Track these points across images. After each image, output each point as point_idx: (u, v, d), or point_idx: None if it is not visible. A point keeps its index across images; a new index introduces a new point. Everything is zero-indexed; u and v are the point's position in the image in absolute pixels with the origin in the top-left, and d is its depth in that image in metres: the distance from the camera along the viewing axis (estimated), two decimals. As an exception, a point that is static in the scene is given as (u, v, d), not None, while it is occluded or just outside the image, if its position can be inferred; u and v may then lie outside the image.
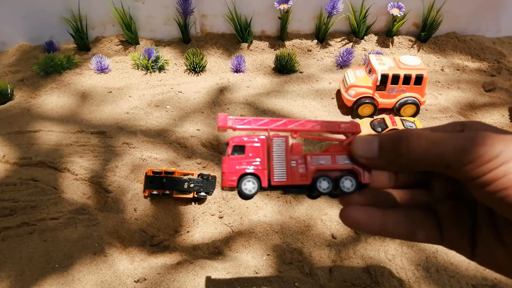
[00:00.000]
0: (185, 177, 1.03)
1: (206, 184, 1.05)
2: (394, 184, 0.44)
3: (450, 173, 0.35)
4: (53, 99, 1.46)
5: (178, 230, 1.00)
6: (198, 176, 1.04)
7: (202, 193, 1.04)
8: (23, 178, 1.07)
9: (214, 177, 1.07)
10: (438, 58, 1.67)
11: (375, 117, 1.34)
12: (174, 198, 1.04)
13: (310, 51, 1.73)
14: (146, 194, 1.05)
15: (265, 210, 1.02)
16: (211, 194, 1.06)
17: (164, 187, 1.02)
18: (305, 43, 1.75)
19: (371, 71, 1.34)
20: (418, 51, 1.71)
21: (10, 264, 0.86)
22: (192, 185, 1.02)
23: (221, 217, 1.01)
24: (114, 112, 1.36)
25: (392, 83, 1.30)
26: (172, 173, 1.04)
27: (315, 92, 1.47)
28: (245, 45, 1.75)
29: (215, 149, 1.24)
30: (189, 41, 1.79)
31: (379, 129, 1.23)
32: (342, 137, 0.44)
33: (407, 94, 1.32)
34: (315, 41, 1.76)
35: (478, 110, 1.36)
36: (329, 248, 0.89)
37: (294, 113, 1.36)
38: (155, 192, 1.03)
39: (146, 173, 1.04)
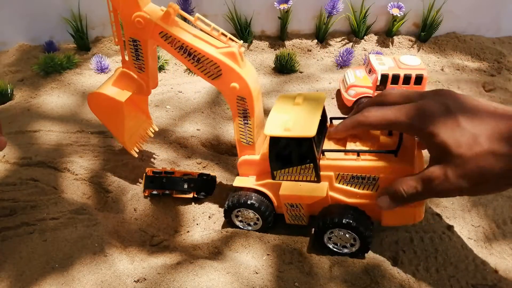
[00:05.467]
0: (185, 177, 1.03)
1: (206, 184, 1.05)
2: None
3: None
4: (53, 99, 1.46)
5: (178, 230, 1.00)
6: (198, 176, 1.04)
7: (202, 193, 1.04)
8: (23, 178, 1.07)
9: (214, 177, 1.07)
10: (438, 58, 1.67)
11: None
12: (174, 198, 1.04)
13: (310, 51, 1.73)
14: (146, 194, 1.05)
15: (265, 210, 1.02)
16: (211, 194, 1.06)
17: (164, 187, 1.02)
18: (305, 43, 1.75)
19: (371, 71, 1.34)
20: (418, 51, 1.71)
21: (10, 264, 0.86)
22: (192, 185, 1.02)
23: (221, 217, 1.01)
24: (114, 112, 1.36)
25: (392, 83, 1.30)
26: (172, 173, 1.04)
27: (315, 92, 1.47)
28: (245, 45, 1.75)
29: (215, 149, 1.24)
30: (189, 41, 1.79)
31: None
32: None
33: (407, 94, 1.32)
34: (315, 41, 1.76)
35: (478, 110, 1.36)
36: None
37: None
38: (155, 192, 1.03)
39: (146, 173, 1.04)
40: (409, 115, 0.67)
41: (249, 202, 0.88)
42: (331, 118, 0.91)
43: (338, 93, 1.46)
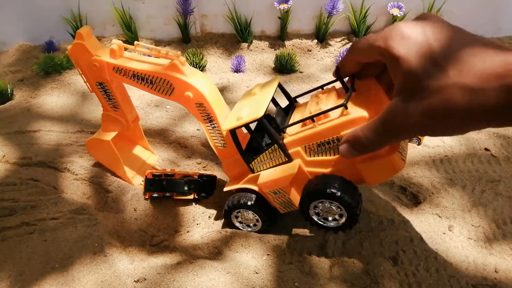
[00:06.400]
0: (185, 179, 1.03)
1: (207, 184, 1.05)
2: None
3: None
4: (53, 99, 1.46)
5: (178, 230, 1.00)
6: (198, 177, 1.04)
7: (203, 194, 1.04)
8: (23, 178, 1.07)
9: (215, 177, 1.07)
10: (438, 58, 1.67)
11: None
12: (174, 199, 1.04)
13: (310, 51, 1.74)
14: (146, 197, 1.05)
15: (265, 210, 1.02)
16: (211, 195, 1.06)
17: (164, 190, 1.02)
18: (305, 43, 1.75)
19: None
20: (418, 51, 1.71)
21: (10, 264, 0.86)
22: (192, 186, 1.02)
23: (221, 217, 1.01)
24: (114, 112, 1.36)
25: (392, 83, 1.30)
26: (172, 175, 1.03)
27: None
28: (245, 45, 1.75)
29: (215, 149, 1.24)
30: (189, 41, 1.79)
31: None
32: None
33: (407, 94, 1.32)
34: (315, 41, 1.76)
35: (478, 110, 1.36)
36: (329, 248, 0.89)
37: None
38: (155, 195, 1.03)
39: (146, 176, 1.04)
40: (385, 36, 0.62)
41: (249, 203, 0.88)
42: (295, 97, 0.89)
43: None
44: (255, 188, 0.87)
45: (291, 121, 0.82)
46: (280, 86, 0.87)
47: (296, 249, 0.89)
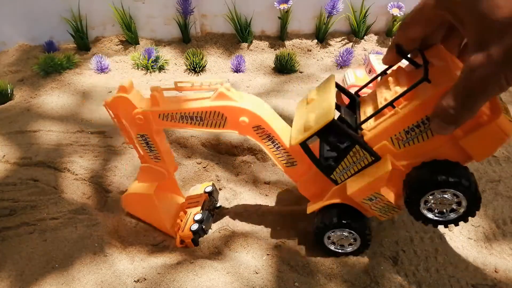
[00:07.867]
0: (208, 205, 1.00)
1: (212, 200, 1.04)
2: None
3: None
4: (53, 99, 1.46)
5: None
6: (209, 195, 1.02)
7: (218, 204, 1.04)
8: (23, 178, 1.07)
9: (213, 185, 1.05)
10: (438, 58, 1.67)
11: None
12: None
13: (310, 51, 1.74)
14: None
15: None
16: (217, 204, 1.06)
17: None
18: (305, 43, 1.75)
19: (371, 71, 1.34)
20: (418, 51, 1.71)
21: (10, 264, 0.86)
22: (211, 207, 1.01)
23: (221, 217, 1.01)
24: (114, 112, 1.36)
25: (392, 83, 1.30)
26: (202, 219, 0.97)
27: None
28: (245, 45, 1.75)
29: (215, 149, 1.24)
30: (189, 41, 1.79)
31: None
32: None
33: (407, 94, 1.31)
34: (315, 41, 1.76)
35: (478, 110, 1.37)
36: (329, 248, 0.89)
37: (294, 113, 1.36)
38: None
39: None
40: None
41: (342, 220, 0.78)
42: (356, 92, 0.82)
43: (338, 93, 1.46)
44: (344, 201, 0.78)
45: (362, 116, 0.74)
46: (336, 84, 0.78)
47: (296, 249, 0.89)
